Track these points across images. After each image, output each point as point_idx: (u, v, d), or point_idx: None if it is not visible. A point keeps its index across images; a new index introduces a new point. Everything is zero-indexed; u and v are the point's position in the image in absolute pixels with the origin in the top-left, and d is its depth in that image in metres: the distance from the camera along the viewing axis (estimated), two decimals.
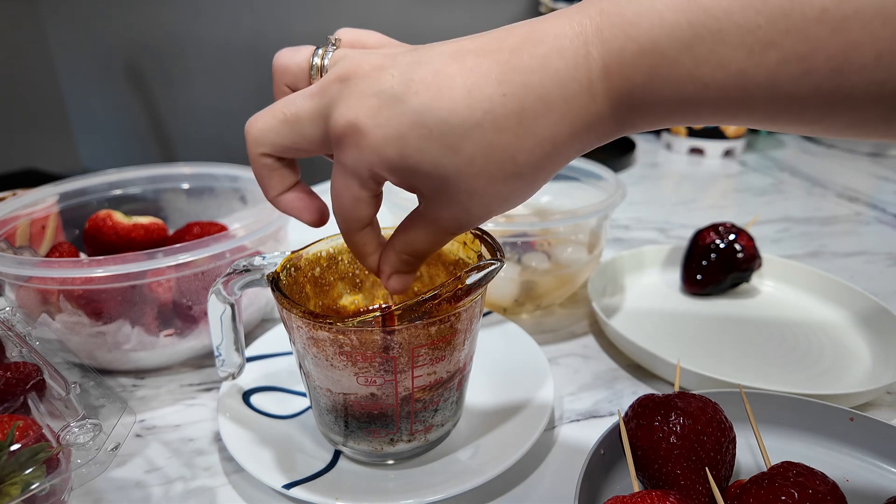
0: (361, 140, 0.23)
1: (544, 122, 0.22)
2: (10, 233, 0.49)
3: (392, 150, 0.23)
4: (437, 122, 0.22)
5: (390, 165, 0.24)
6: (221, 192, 0.60)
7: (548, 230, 0.51)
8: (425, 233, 0.27)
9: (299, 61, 0.29)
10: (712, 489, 0.29)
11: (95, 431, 0.30)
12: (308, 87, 0.26)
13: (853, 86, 0.19)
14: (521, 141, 0.23)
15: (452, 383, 0.34)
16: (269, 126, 0.26)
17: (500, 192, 0.24)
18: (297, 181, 0.29)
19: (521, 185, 0.24)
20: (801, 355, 0.48)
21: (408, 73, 0.23)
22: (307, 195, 0.29)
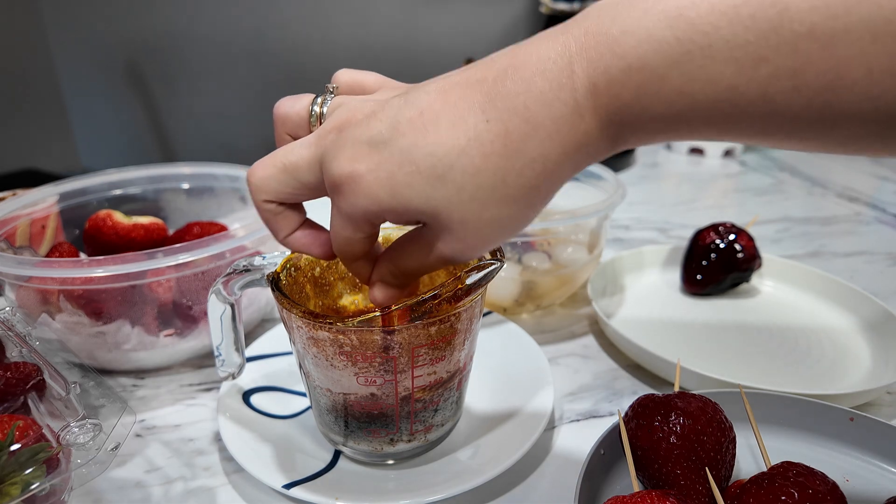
0: (356, 187, 0.24)
1: (532, 142, 0.22)
2: (10, 233, 0.49)
3: (384, 192, 0.24)
4: (423, 156, 0.23)
5: (383, 207, 0.24)
6: (221, 191, 0.60)
7: (548, 230, 0.51)
8: (420, 255, 0.27)
9: (299, 110, 0.30)
10: (712, 489, 0.29)
11: (95, 431, 0.30)
12: (306, 137, 0.27)
13: (846, 101, 0.19)
14: (509, 163, 0.23)
15: (452, 383, 0.34)
16: (269, 174, 0.27)
17: (495, 219, 0.24)
18: (304, 220, 0.30)
19: (516, 210, 0.24)
20: (801, 355, 0.49)
21: (395, 117, 0.24)
22: (315, 231, 0.30)
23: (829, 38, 0.18)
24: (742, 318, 0.54)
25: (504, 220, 0.24)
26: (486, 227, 0.24)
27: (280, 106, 0.31)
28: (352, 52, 1.71)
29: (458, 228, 0.24)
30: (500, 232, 0.25)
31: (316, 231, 0.30)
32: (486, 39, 1.46)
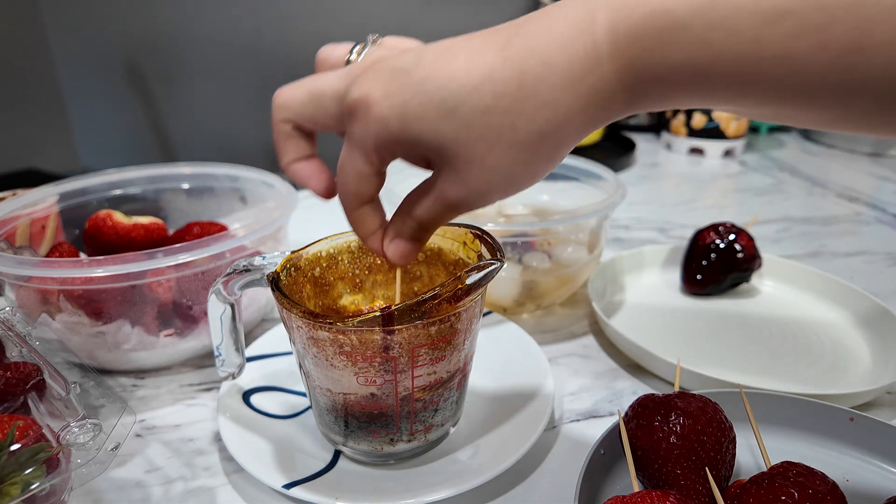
0: (369, 112, 0.24)
1: (545, 85, 0.22)
2: (10, 233, 0.49)
3: (395, 119, 0.24)
4: (436, 88, 0.23)
5: (393, 135, 0.24)
6: (221, 191, 0.60)
7: (548, 230, 0.51)
8: (431, 203, 0.27)
9: (339, 55, 0.31)
10: (712, 489, 0.29)
11: (95, 431, 0.30)
12: (340, 70, 0.27)
13: (870, 65, 0.18)
14: (520, 105, 0.22)
15: (452, 383, 0.34)
16: (293, 96, 0.28)
17: (501, 164, 0.24)
18: (313, 154, 0.30)
19: (524, 157, 0.24)
20: (801, 355, 0.48)
21: (422, 52, 0.24)
22: (319, 166, 0.30)
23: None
24: (742, 318, 0.54)
25: (510, 167, 0.24)
26: (491, 171, 0.24)
27: (321, 51, 0.32)
28: None
29: (463, 169, 0.24)
30: (505, 180, 0.25)
31: (320, 167, 0.30)
32: None
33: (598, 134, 0.99)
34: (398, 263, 0.29)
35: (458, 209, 0.27)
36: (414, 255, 0.29)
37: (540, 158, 0.24)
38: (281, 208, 0.49)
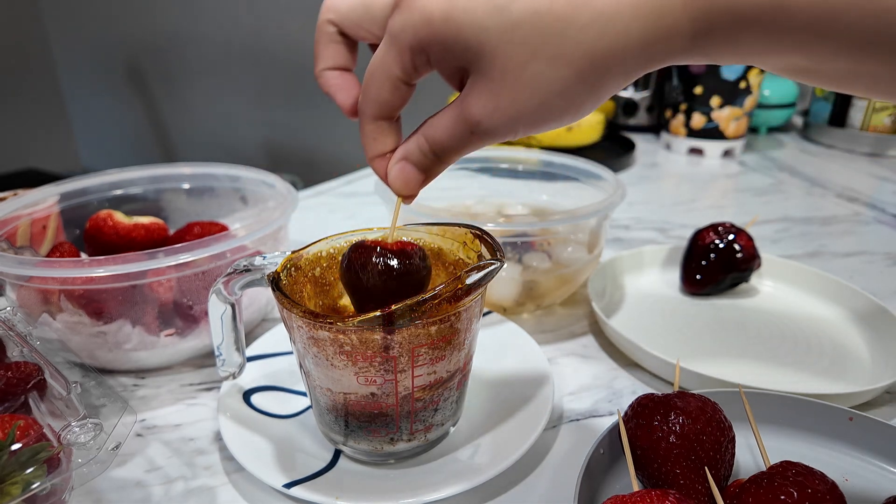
0: (414, 2, 0.23)
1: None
2: (11, 233, 0.49)
3: (439, 12, 0.22)
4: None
5: (433, 29, 0.22)
6: (222, 192, 0.60)
7: (548, 230, 0.51)
8: (451, 121, 0.25)
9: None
10: (711, 489, 0.29)
11: (96, 431, 0.30)
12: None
13: None
14: (575, 12, 0.21)
15: (452, 383, 0.34)
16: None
17: (538, 80, 0.22)
18: (350, 67, 0.29)
19: (563, 77, 0.22)
20: (800, 355, 0.49)
21: None
22: (351, 80, 0.29)
23: None
24: (741, 318, 0.54)
25: (547, 84, 0.22)
26: (525, 86, 0.22)
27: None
28: None
29: (497, 77, 0.22)
30: (537, 102, 0.23)
31: (353, 81, 0.29)
32: None
33: (598, 134, 0.99)
34: (399, 190, 0.27)
35: (478, 133, 0.24)
36: (418, 187, 0.27)
37: (582, 83, 0.22)
38: (281, 208, 0.49)
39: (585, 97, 0.23)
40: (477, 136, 0.25)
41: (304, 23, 1.76)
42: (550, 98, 0.22)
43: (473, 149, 0.26)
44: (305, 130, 1.93)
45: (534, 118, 0.23)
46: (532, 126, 0.24)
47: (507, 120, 0.23)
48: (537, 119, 0.23)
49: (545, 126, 0.24)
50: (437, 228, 0.37)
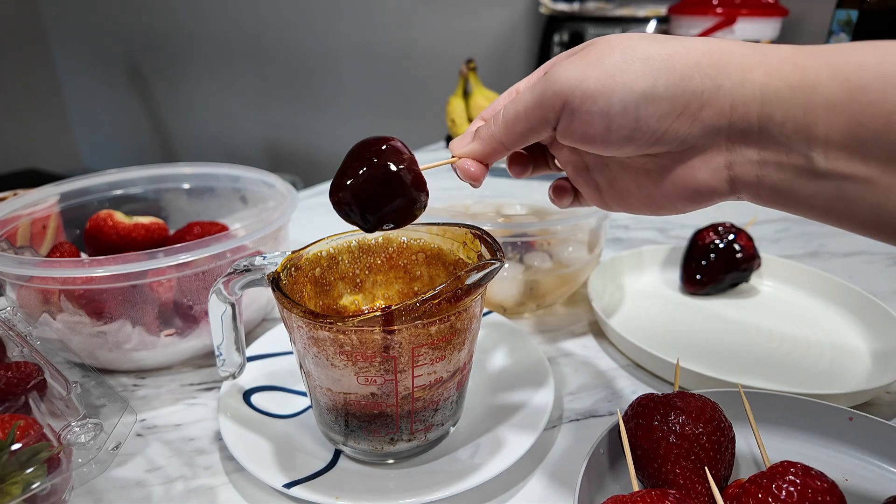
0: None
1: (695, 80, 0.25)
2: (12, 233, 0.49)
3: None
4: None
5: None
6: (222, 192, 0.60)
7: (547, 230, 0.51)
8: (527, 96, 0.28)
9: None
10: (711, 488, 0.29)
11: (96, 431, 0.30)
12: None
13: None
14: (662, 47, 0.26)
15: (452, 383, 0.34)
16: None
17: (622, 64, 0.25)
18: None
19: (644, 79, 0.25)
20: (800, 355, 0.49)
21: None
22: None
23: None
24: (741, 317, 0.54)
25: (629, 79, 0.25)
26: (613, 75, 0.25)
27: None
28: (352, 51, 1.71)
29: (594, 53, 0.26)
30: (615, 99, 0.26)
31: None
32: (486, 40, 1.46)
33: None
34: (456, 151, 0.32)
35: (544, 99, 0.27)
36: (476, 156, 0.31)
37: (649, 102, 0.26)
38: (281, 208, 0.49)
39: (643, 114, 0.26)
40: (542, 107, 0.27)
41: (304, 23, 1.76)
42: (625, 103, 0.26)
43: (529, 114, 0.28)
44: (305, 130, 1.93)
45: (602, 118, 0.26)
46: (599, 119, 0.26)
47: (583, 63, 0.26)
48: (607, 118, 0.26)
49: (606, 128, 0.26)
50: (437, 228, 0.37)
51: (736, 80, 0.25)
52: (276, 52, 1.86)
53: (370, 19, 1.64)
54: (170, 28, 2.08)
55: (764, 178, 0.25)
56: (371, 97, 1.74)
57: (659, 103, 0.25)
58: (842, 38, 0.95)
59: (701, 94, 0.25)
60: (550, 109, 0.27)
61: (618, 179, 0.31)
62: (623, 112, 0.26)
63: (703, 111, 0.25)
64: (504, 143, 0.30)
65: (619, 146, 0.27)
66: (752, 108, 0.24)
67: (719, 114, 0.25)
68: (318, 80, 1.82)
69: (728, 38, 0.27)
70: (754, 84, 0.24)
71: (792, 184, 0.25)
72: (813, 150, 0.23)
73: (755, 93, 0.24)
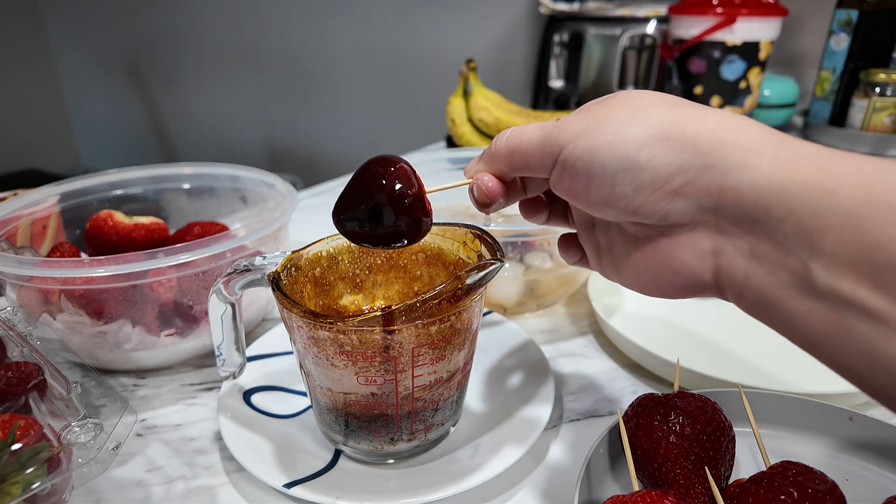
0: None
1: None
2: (12, 233, 0.49)
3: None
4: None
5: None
6: (222, 192, 0.60)
7: (547, 230, 0.51)
8: (536, 126, 0.28)
9: None
10: (711, 488, 0.29)
11: (96, 431, 0.30)
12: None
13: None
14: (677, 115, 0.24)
15: (453, 383, 0.34)
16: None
17: (624, 127, 0.24)
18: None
19: (648, 133, 0.24)
20: (800, 355, 0.48)
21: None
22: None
23: None
24: (742, 317, 0.54)
25: (629, 133, 0.24)
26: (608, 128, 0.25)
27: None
28: (352, 51, 1.71)
29: (599, 111, 0.26)
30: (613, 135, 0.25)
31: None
32: (485, 40, 1.46)
33: None
34: (467, 171, 0.31)
35: (548, 137, 0.27)
36: (477, 168, 0.31)
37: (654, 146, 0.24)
38: (281, 208, 0.49)
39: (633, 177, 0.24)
40: (548, 129, 0.27)
41: (304, 23, 1.76)
42: (634, 119, 0.24)
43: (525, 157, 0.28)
44: (305, 130, 1.93)
45: (603, 125, 0.25)
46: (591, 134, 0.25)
47: (589, 117, 0.25)
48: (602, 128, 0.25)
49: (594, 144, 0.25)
50: (437, 228, 0.37)
51: (732, 161, 0.22)
52: (276, 52, 1.86)
53: (370, 19, 1.64)
54: (170, 28, 2.08)
55: (751, 279, 0.23)
56: (371, 97, 1.74)
57: (638, 172, 0.24)
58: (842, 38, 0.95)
59: (686, 171, 0.23)
60: (548, 157, 0.27)
61: (615, 244, 0.29)
62: (602, 175, 0.25)
63: (686, 188, 0.23)
64: (504, 164, 0.29)
65: (598, 208, 0.26)
66: (745, 195, 0.22)
67: (705, 193, 0.23)
68: (318, 81, 1.82)
69: (751, 120, 0.24)
70: (755, 171, 0.22)
71: (782, 293, 0.22)
72: (813, 261, 0.20)
73: (753, 180, 0.22)
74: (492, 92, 1.01)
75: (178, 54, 2.11)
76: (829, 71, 1.00)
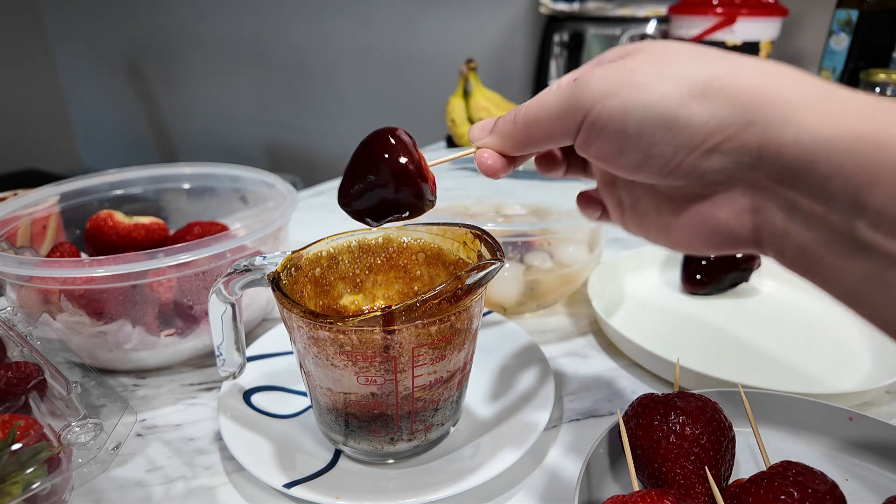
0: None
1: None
2: (12, 233, 0.49)
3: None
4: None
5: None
6: (222, 191, 0.60)
7: (548, 230, 0.51)
8: (553, 90, 0.26)
9: None
10: (711, 488, 0.29)
11: (96, 431, 0.30)
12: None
13: None
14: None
15: (453, 383, 0.34)
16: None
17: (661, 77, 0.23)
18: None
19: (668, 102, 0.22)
20: (800, 355, 0.49)
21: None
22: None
23: None
24: (742, 317, 0.54)
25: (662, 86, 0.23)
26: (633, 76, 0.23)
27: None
28: (352, 51, 1.71)
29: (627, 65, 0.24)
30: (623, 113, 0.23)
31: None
32: (485, 40, 1.46)
33: None
34: (474, 138, 0.30)
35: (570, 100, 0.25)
36: (490, 145, 0.29)
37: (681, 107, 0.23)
38: (281, 208, 0.49)
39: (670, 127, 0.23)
40: (569, 89, 0.25)
41: (305, 23, 1.76)
42: (667, 77, 0.23)
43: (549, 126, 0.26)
44: (305, 130, 1.93)
45: (634, 85, 0.23)
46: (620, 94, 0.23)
47: (614, 75, 0.24)
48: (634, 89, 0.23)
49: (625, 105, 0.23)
50: (437, 228, 0.37)
51: (776, 116, 0.21)
52: (277, 52, 1.86)
53: (370, 19, 1.64)
54: (170, 28, 2.08)
55: (792, 235, 0.22)
56: (371, 97, 1.74)
57: (678, 133, 0.22)
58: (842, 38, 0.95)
59: (726, 128, 0.22)
60: (571, 121, 0.25)
61: (641, 201, 0.28)
62: (637, 135, 0.23)
63: (725, 144, 0.22)
64: (520, 144, 0.28)
65: (630, 171, 0.25)
66: (788, 151, 0.21)
67: (745, 150, 0.22)
68: (318, 81, 1.82)
69: (796, 70, 0.22)
70: (801, 126, 0.20)
71: (824, 249, 0.21)
72: (858, 218, 0.20)
73: (797, 136, 0.20)
74: (492, 92, 1.01)
75: (179, 54, 2.11)
76: (829, 71, 1.00)
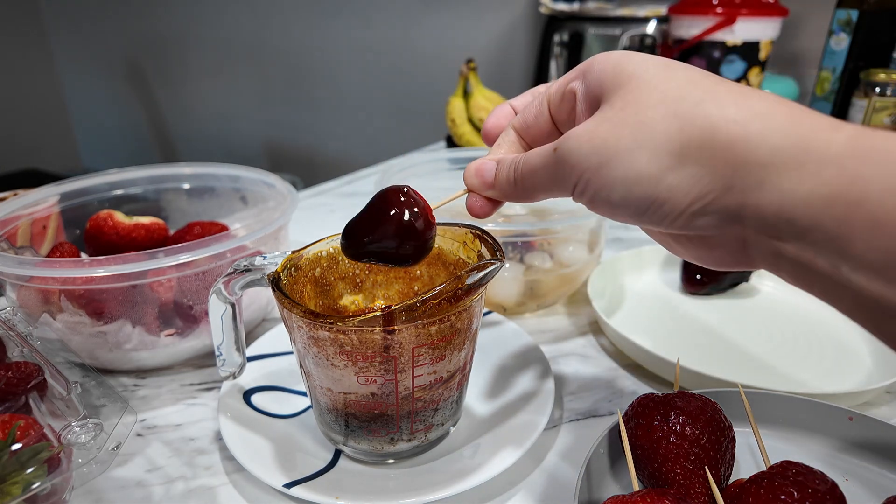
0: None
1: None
2: (12, 233, 0.49)
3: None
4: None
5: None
6: (222, 192, 0.60)
7: (548, 230, 0.51)
8: (540, 155, 0.27)
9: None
10: (711, 488, 0.29)
11: (96, 431, 0.30)
12: None
13: None
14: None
15: (453, 383, 0.34)
16: None
17: (647, 126, 0.23)
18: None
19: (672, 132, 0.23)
20: (800, 355, 0.49)
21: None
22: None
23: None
24: (742, 317, 0.54)
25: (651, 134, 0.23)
26: (634, 124, 0.24)
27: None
28: (352, 51, 1.71)
29: (616, 106, 0.24)
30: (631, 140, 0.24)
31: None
32: (486, 40, 1.46)
33: None
34: (470, 185, 0.31)
35: (560, 167, 0.26)
36: (482, 185, 0.30)
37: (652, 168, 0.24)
38: (281, 208, 0.49)
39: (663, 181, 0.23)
40: (553, 160, 0.26)
41: (304, 23, 1.76)
42: (642, 147, 0.23)
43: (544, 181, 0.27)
44: (305, 130, 1.93)
45: (611, 160, 0.24)
46: (601, 169, 0.24)
47: (589, 147, 0.25)
48: (612, 164, 0.24)
49: (608, 181, 0.24)
50: (437, 228, 0.37)
51: (751, 181, 0.21)
52: (277, 52, 1.86)
53: (370, 19, 1.64)
54: (170, 28, 2.08)
55: (783, 271, 0.23)
56: (371, 97, 1.74)
57: (658, 208, 0.24)
58: (842, 38, 0.95)
59: (706, 195, 0.23)
60: (565, 188, 0.27)
61: (649, 231, 0.30)
62: (624, 207, 0.25)
63: (708, 207, 0.23)
64: (520, 200, 0.29)
65: (626, 222, 0.27)
66: (766, 210, 0.21)
67: (725, 211, 0.23)
68: (318, 81, 1.82)
69: (777, 114, 0.22)
70: (777, 189, 0.21)
71: (815, 282, 0.22)
72: (843, 264, 0.20)
73: (774, 198, 0.21)
74: (492, 92, 1.01)
75: (179, 54, 2.11)
76: (829, 71, 1.00)
